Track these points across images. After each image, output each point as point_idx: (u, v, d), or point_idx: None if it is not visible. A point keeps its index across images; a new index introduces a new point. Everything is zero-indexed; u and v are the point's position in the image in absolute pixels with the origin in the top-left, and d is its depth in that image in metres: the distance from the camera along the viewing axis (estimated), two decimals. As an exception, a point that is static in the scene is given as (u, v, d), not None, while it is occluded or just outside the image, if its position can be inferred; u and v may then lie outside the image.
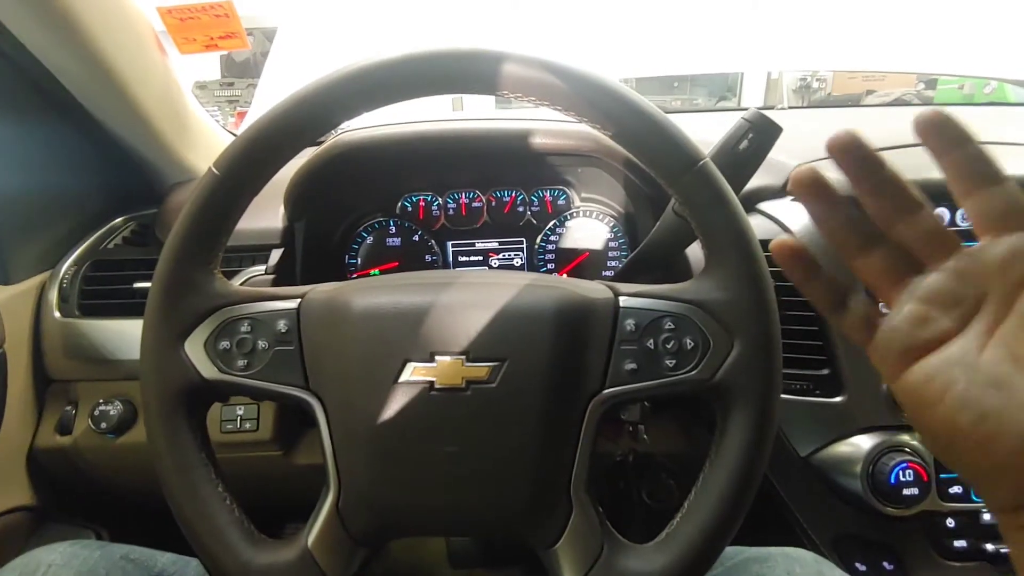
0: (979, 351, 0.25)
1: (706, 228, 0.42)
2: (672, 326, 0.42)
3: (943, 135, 0.26)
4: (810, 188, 0.28)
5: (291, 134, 0.42)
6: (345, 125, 0.51)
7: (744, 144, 0.52)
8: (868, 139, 0.27)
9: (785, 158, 0.70)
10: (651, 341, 0.42)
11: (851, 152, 0.27)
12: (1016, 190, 0.25)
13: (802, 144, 0.71)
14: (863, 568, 0.63)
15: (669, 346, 0.42)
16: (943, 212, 0.63)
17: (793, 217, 0.66)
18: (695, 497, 0.41)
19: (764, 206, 0.69)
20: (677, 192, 0.42)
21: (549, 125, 0.71)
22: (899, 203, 0.27)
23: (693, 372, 0.41)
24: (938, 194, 0.31)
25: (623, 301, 0.43)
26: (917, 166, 0.32)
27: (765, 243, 0.42)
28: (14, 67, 0.64)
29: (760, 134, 0.52)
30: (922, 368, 0.27)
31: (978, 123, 0.26)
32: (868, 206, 0.28)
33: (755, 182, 0.56)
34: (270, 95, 0.42)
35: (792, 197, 0.68)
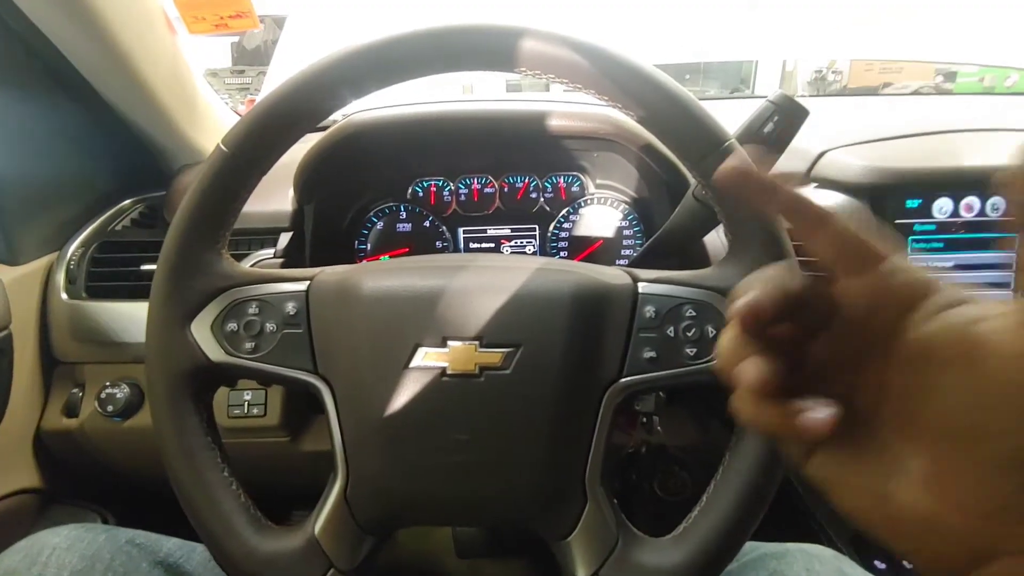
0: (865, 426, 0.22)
1: (731, 212, 0.40)
2: (693, 313, 0.41)
3: (751, 188, 0.24)
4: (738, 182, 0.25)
5: (302, 110, 0.41)
6: (355, 106, 0.50)
7: (769, 127, 0.50)
8: (750, 168, 0.24)
9: (806, 144, 0.68)
10: (671, 329, 0.41)
11: (743, 185, 0.24)
12: (842, 224, 0.22)
13: (823, 131, 0.69)
14: (883, 566, 0.62)
15: (690, 334, 0.40)
16: (973, 200, 0.61)
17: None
18: (714, 490, 0.40)
19: (785, 194, 0.67)
20: (700, 174, 0.41)
21: (566, 107, 0.69)
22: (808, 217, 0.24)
23: (714, 361, 0.40)
24: (963, 182, 0.28)
25: (642, 287, 0.42)
26: (936, 153, 0.30)
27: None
28: (23, 46, 0.63)
29: (786, 117, 0.50)
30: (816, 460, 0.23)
31: (1001, 109, 0.24)
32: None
33: (774, 168, 0.54)
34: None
35: (816, 184, 0.66)
